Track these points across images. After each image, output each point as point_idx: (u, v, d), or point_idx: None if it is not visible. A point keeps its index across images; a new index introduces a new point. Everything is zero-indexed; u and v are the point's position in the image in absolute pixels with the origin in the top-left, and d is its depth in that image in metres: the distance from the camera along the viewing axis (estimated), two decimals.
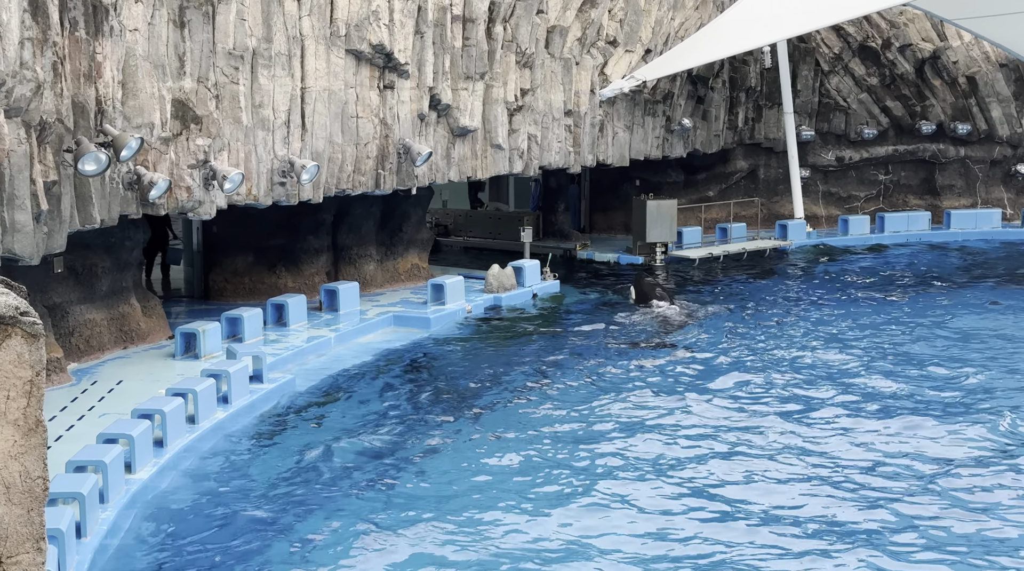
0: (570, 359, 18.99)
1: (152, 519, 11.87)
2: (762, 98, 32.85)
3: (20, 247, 13.26)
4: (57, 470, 11.05)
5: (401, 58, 20.81)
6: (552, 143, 25.83)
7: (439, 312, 21.43)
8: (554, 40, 25.62)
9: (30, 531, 5.49)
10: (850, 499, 12.39)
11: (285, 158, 18.74)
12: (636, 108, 28.76)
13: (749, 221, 31.68)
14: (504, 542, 11.32)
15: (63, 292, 17.08)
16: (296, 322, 19.76)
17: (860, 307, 23.25)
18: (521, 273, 24.02)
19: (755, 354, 19.15)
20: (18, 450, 5.47)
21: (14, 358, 5.42)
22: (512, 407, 16.16)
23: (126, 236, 18.04)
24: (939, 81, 33.44)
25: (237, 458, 13.87)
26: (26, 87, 13.00)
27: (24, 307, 5.51)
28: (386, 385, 17.32)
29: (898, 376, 17.54)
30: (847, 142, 33.88)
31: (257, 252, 22.15)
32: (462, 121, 22.90)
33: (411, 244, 24.71)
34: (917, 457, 13.72)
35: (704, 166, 33.18)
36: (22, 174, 13.13)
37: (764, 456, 13.85)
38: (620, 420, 15.42)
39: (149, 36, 16.16)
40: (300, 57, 19.02)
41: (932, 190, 34.50)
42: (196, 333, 17.41)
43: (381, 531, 11.59)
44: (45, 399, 5.59)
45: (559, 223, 31.39)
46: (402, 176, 21.49)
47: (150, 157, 16.18)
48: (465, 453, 14.15)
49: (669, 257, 28.09)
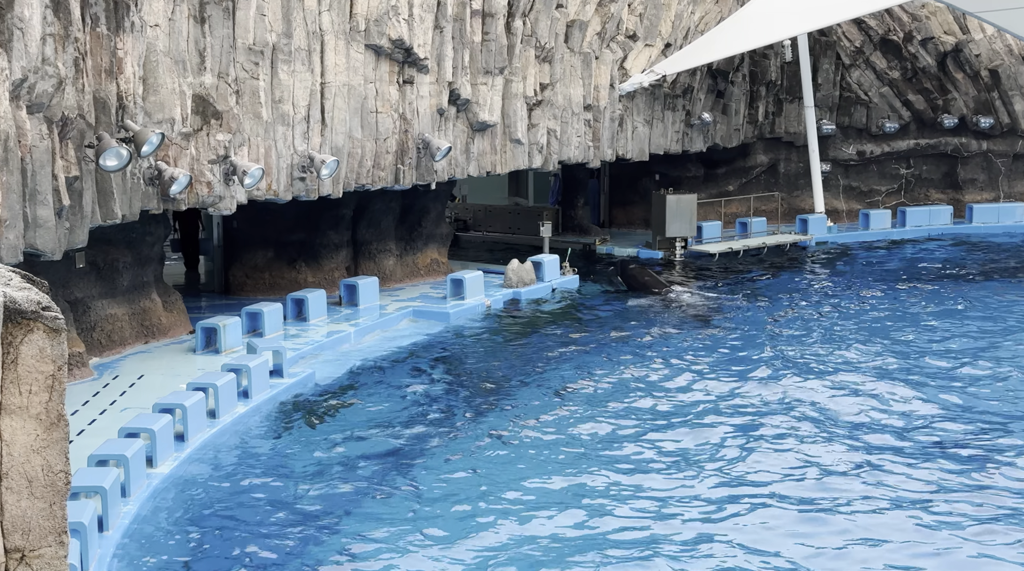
0: (590, 353, 18.96)
1: (173, 513, 11.92)
2: (782, 92, 32.70)
3: (42, 242, 13.34)
4: (79, 464, 11.12)
5: (420, 53, 20.81)
6: (571, 138, 25.79)
7: (458, 307, 21.44)
8: (573, 34, 25.57)
9: (52, 524, 5.51)
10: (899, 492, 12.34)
11: (305, 153, 18.77)
12: (656, 102, 28.69)
13: (769, 216, 31.55)
14: (526, 537, 11.32)
15: (85, 287, 17.17)
16: (316, 317, 19.81)
17: (901, 298, 23.14)
18: (540, 268, 24.00)
19: (774, 343, 19.09)
20: (40, 444, 5.50)
21: (36, 353, 5.45)
22: (533, 401, 16.15)
23: (147, 231, 18.12)
24: (961, 74, 33.21)
25: (257, 452, 13.92)
26: (48, 83, 13.07)
27: (46, 302, 5.53)
28: (405, 380, 17.35)
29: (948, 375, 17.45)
30: (868, 136, 33.69)
31: (277, 247, 22.21)
32: (481, 116, 22.89)
33: (430, 239, 24.72)
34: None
35: (724, 160, 33.06)
36: (44, 169, 13.20)
37: (798, 446, 13.81)
38: (644, 413, 15.39)
39: (170, 32, 16.21)
40: (320, 52, 19.05)
41: (954, 184, 34.27)
42: (217, 328, 17.48)
43: (401, 525, 11.60)
44: (67, 393, 5.62)
45: (578, 218, 31.35)
46: (421, 171, 21.50)
47: (171, 152, 16.25)
48: (486, 448, 14.15)
49: (688, 252, 28.01)
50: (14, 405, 5.44)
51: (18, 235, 12.86)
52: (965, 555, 10.81)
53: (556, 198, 32.65)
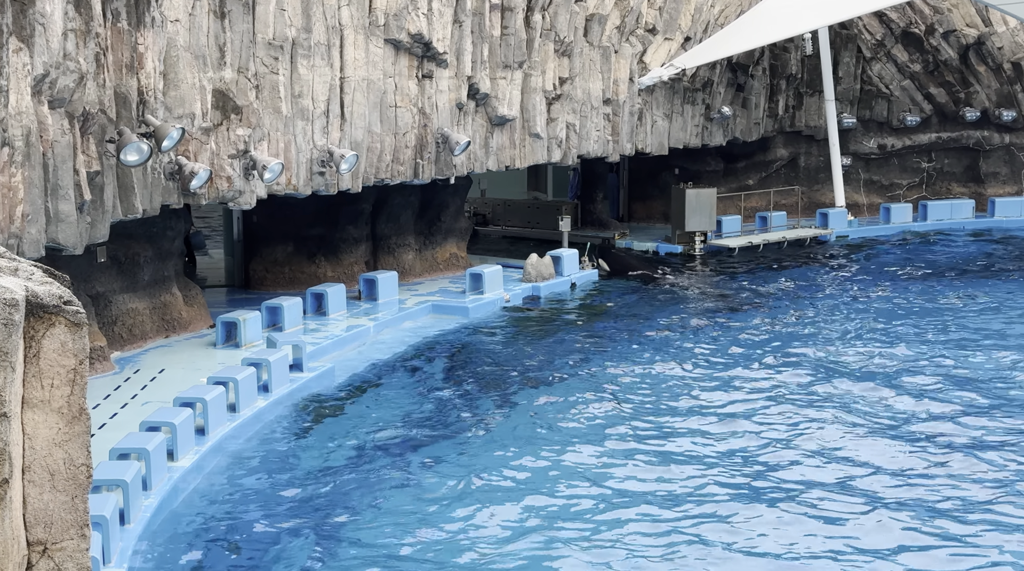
0: (609, 347, 18.94)
1: (194, 506, 11.97)
2: (803, 85, 32.54)
3: (64, 237, 13.40)
4: (101, 458, 11.18)
5: (440, 47, 20.80)
6: (591, 132, 25.74)
7: (477, 301, 21.44)
8: (593, 28, 25.52)
9: (74, 518, 5.54)
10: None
11: (324, 148, 18.80)
12: (675, 96, 28.60)
13: (789, 210, 31.42)
14: (548, 529, 11.32)
15: (106, 281, 17.26)
16: (335, 311, 19.84)
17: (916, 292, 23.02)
18: (559, 262, 23.98)
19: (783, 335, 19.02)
20: (62, 438, 5.52)
21: (58, 347, 5.47)
22: (552, 395, 16.14)
23: (168, 226, 18.19)
24: (984, 67, 32.98)
25: (277, 446, 13.96)
26: (69, 78, 13.13)
27: (68, 296, 5.56)
28: (425, 374, 17.36)
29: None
30: (889, 129, 33.49)
31: (297, 242, 22.26)
32: (500, 110, 22.87)
33: (450, 233, 24.73)
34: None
35: (744, 154, 32.94)
36: (66, 164, 13.27)
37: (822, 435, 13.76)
38: (664, 406, 15.37)
39: (190, 27, 16.26)
40: (339, 47, 19.07)
41: (976, 178, 34.05)
42: (237, 322, 17.54)
43: (419, 518, 11.62)
44: (88, 387, 5.64)
45: (597, 212, 31.29)
46: (440, 165, 21.51)
47: (191, 147, 16.30)
48: (504, 442, 14.15)
49: (708, 246, 27.94)
50: (36, 399, 5.47)
51: (40, 230, 12.92)
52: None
53: (575, 192, 32.60)
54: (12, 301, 5.20)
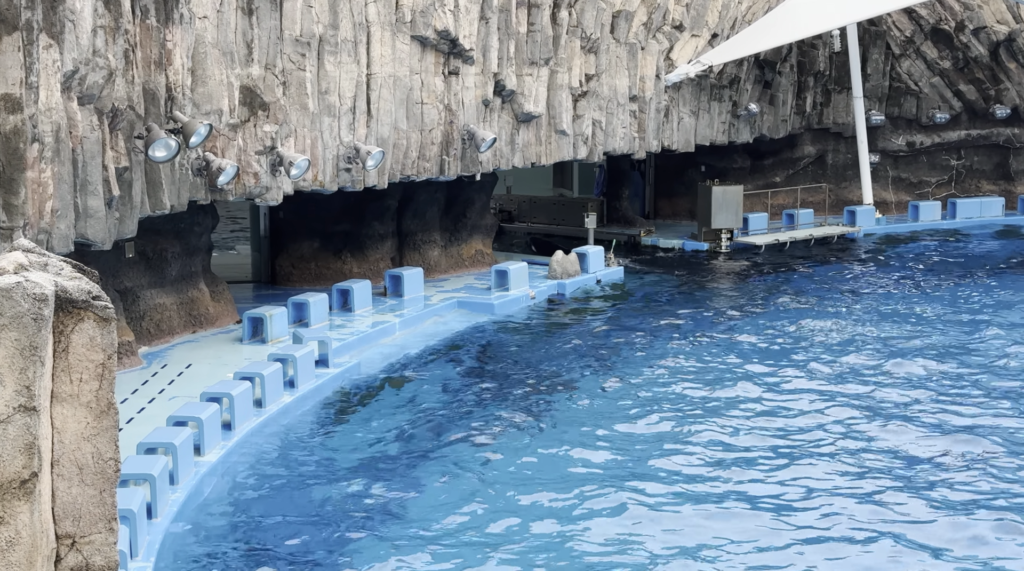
0: (636, 344, 18.89)
1: (220, 501, 12.03)
2: (831, 82, 32.33)
3: (92, 232, 13.50)
4: (128, 452, 11.24)
5: (466, 44, 20.80)
6: (617, 129, 25.68)
7: (503, 298, 21.44)
8: (619, 25, 25.45)
9: (102, 511, 5.58)
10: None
11: (351, 144, 18.84)
12: (702, 93, 28.49)
13: (816, 207, 31.22)
14: (569, 529, 11.32)
15: (134, 277, 17.36)
16: (361, 307, 19.88)
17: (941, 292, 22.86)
18: (585, 259, 23.94)
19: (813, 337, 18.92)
20: (90, 432, 5.56)
21: (86, 341, 5.51)
22: (577, 392, 16.12)
23: (195, 221, 18.29)
24: (1014, 64, 32.66)
25: (303, 442, 14.01)
26: (98, 74, 13.21)
27: (96, 291, 5.59)
28: (450, 371, 17.38)
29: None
30: (918, 127, 33.24)
31: (323, 238, 22.32)
32: (526, 107, 22.85)
33: (475, 230, 24.73)
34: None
35: (771, 151, 32.76)
36: (94, 160, 13.35)
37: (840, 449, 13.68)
38: (686, 405, 15.32)
39: (218, 23, 16.33)
40: (366, 43, 19.10)
41: (1006, 175, 33.74)
42: (263, 318, 17.61)
43: (443, 515, 11.63)
44: (116, 382, 5.67)
45: (623, 209, 31.21)
46: (466, 162, 21.51)
47: (218, 143, 16.37)
48: (530, 440, 14.15)
49: (734, 243, 27.82)
50: (65, 393, 5.51)
51: (69, 225, 13.02)
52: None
53: (601, 189, 32.53)
54: (41, 296, 5.24)
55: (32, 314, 5.20)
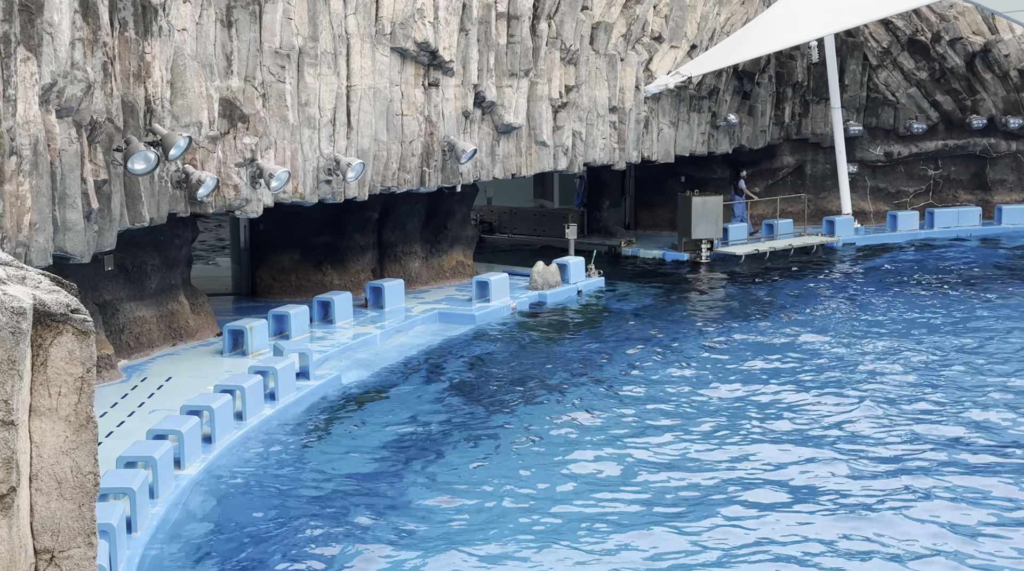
0: (616, 354, 18.93)
1: (201, 515, 11.98)
2: (809, 93, 32.52)
3: (71, 245, 13.44)
4: (108, 466, 11.19)
5: (446, 55, 20.84)
6: (597, 140, 25.75)
7: (484, 309, 21.45)
8: (599, 36, 25.54)
9: (81, 526, 5.55)
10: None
11: (331, 156, 18.83)
12: (681, 104, 28.61)
13: (796, 217, 31.38)
14: (557, 540, 11.32)
15: (113, 290, 17.30)
16: (342, 319, 19.86)
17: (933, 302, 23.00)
18: (566, 270, 23.98)
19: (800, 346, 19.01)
20: (69, 446, 5.54)
21: (65, 355, 5.49)
22: (559, 402, 16.14)
23: (175, 234, 18.23)
24: (990, 75, 32.94)
25: (284, 454, 13.97)
26: (77, 87, 13.17)
27: (75, 305, 5.58)
28: (431, 382, 17.37)
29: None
30: (896, 137, 33.46)
31: (303, 250, 22.29)
32: (507, 118, 22.90)
33: (456, 241, 24.74)
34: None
35: (750, 162, 32.92)
36: (73, 173, 13.30)
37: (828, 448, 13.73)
38: (670, 414, 15.35)
39: (197, 36, 16.31)
40: (346, 55, 19.11)
41: (983, 185, 33.99)
42: (244, 330, 17.56)
43: (425, 527, 11.62)
44: (96, 395, 5.65)
45: (604, 220, 31.29)
46: (447, 173, 21.53)
47: (198, 156, 16.34)
48: (512, 452, 14.15)
49: (715, 253, 27.92)
50: (44, 407, 5.49)
51: (47, 238, 12.96)
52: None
53: (581, 200, 32.61)
54: (20, 309, 5.22)
55: (10, 328, 5.18)
